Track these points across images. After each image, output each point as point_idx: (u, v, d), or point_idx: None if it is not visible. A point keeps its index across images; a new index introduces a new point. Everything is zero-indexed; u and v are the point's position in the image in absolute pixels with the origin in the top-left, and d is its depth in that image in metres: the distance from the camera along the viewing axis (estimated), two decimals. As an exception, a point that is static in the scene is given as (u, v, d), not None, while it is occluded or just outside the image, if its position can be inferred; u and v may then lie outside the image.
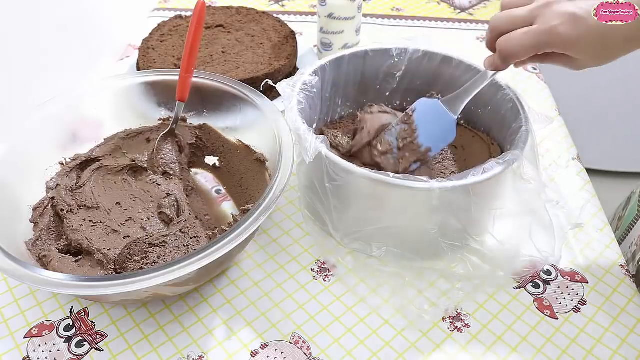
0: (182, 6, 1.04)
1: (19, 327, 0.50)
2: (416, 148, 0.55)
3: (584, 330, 0.50)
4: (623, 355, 0.48)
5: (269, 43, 0.79)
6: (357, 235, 0.55)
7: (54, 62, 0.70)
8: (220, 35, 0.82)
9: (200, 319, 0.51)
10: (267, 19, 0.85)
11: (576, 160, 0.68)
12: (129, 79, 0.62)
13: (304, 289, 0.54)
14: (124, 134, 0.62)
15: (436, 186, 0.47)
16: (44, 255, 0.50)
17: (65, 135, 0.60)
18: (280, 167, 0.50)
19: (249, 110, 0.59)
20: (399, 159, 0.56)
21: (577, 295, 0.53)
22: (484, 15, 1.00)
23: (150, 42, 0.81)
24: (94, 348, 0.48)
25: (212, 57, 0.77)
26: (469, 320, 0.51)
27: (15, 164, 0.54)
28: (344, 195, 0.51)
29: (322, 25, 0.82)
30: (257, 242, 0.58)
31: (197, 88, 0.60)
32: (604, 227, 0.60)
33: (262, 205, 0.46)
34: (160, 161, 0.61)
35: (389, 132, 0.57)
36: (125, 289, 0.41)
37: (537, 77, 0.84)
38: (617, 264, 0.56)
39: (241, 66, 0.74)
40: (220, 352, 0.48)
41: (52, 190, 0.56)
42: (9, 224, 0.50)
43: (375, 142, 0.57)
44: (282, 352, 0.48)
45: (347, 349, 0.49)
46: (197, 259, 0.42)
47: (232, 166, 0.62)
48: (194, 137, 0.63)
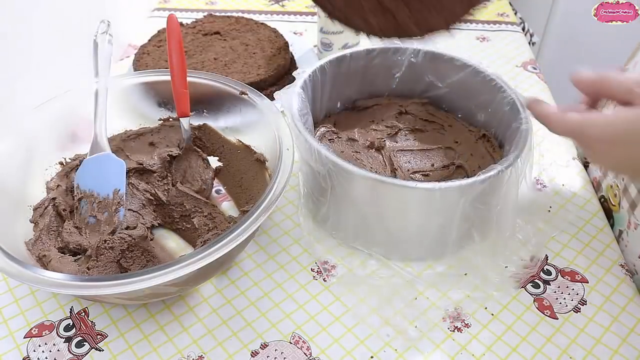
0: (182, 6, 1.04)
1: (19, 327, 0.50)
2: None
3: (584, 330, 0.50)
4: (623, 355, 0.48)
5: (262, 53, 0.81)
6: (357, 235, 0.55)
7: (54, 62, 0.70)
8: (215, 43, 0.83)
9: (200, 319, 0.51)
10: (264, 30, 0.87)
11: (576, 160, 0.68)
12: (129, 79, 0.62)
13: (304, 289, 0.54)
14: (124, 135, 0.63)
15: (436, 186, 0.47)
16: (44, 255, 0.50)
17: (65, 135, 0.60)
18: (280, 167, 0.50)
19: (249, 111, 0.59)
20: None
21: (577, 295, 0.53)
22: (484, 15, 1.00)
23: (147, 47, 0.82)
24: (94, 348, 0.48)
25: (203, 63, 0.78)
26: (469, 320, 0.51)
27: (15, 164, 0.54)
28: (344, 195, 0.51)
29: (322, 25, 0.82)
30: (257, 242, 0.58)
31: (197, 88, 0.60)
32: (604, 227, 0.60)
33: (262, 205, 0.46)
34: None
35: None
36: (125, 289, 0.40)
37: (537, 77, 0.84)
38: (617, 263, 0.56)
39: (229, 74, 0.76)
40: (220, 352, 0.48)
41: (53, 191, 0.56)
42: (9, 224, 0.50)
43: None
44: (282, 352, 0.48)
45: (347, 349, 0.48)
46: (197, 259, 0.42)
47: (232, 166, 0.62)
48: (194, 137, 0.63)
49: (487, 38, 0.94)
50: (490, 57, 0.89)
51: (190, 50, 0.81)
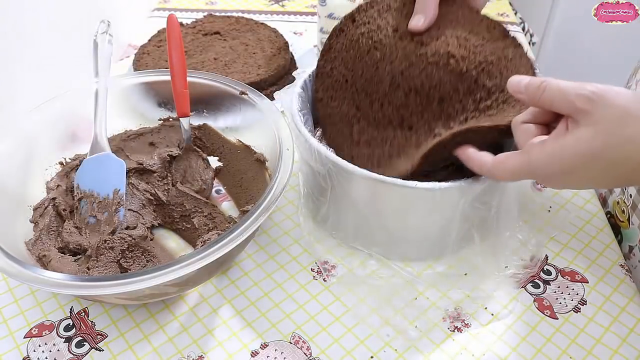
0: (182, 6, 1.04)
1: (19, 327, 0.50)
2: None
3: (584, 330, 0.50)
4: (623, 355, 0.48)
5: (262, 53, 0.81)
6: (357, 235, 0.55)
7: (54, 61, 0.70)
8: (216, 43, 0.83)
9: (200, 319, 0.51)
10: (264, 30, 0.87)
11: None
12: (129, 79, 0.62)
13: (304, 289, 0.54)
14: (124, 135, 0.63)
15: (436, 186, 0.47)
16: (44, 255, 0.50)
17: (65, 135, 0.60)
18: (280, 167, 0.50)
19: (249, 110, 0.59)
20: None
21: (577, 295, 0.53)
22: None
23: (147, 47, 0.82)
24: (94, 348, 0.48)
25: (203, 63, 0.78)
26: (469, 320, 0.51)
27: (15, 164, 0.54)
28: (344, 195, 0.51)
29: (322, 25, 0.82)
30: (257, 242, 0.58)
31: (197, 88, 0.60)
32: (604, 227, 0.60)
33: (262, 205, 0.46)
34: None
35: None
36: (125, 289, 0.40)
37: (537, 77, 0.84)
38: (617, 263, 0.56)
39: (229, 74, 0.76)
40: (220, 352, 0.48)
41: (53, 191, 0.56)
42: (9, 224, 0.50)
43: None
44: (282, 352, 0.48)
45: (347, 349, 0.48)
46: (197, 259, 0.42)
47: (232, 166, 0.62)
48: (194, 137, 0.63)
49: (487, 38, 0.94)
50: (490, 57, 0.88)
51: (190, 50, 0.81)
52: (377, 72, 0.51)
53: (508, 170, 0.42)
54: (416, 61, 0.50)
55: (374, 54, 0.51)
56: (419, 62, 0.50)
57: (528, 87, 0.41)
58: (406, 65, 0.50)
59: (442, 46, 0.50)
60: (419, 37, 0.51)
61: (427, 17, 0.51)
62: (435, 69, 0.49)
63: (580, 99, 0.37)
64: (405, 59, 0.50)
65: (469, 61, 0.49)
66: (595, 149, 0.37)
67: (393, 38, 0.51)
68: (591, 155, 0.37)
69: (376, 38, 0.52)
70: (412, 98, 0.50)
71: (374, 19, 0.54)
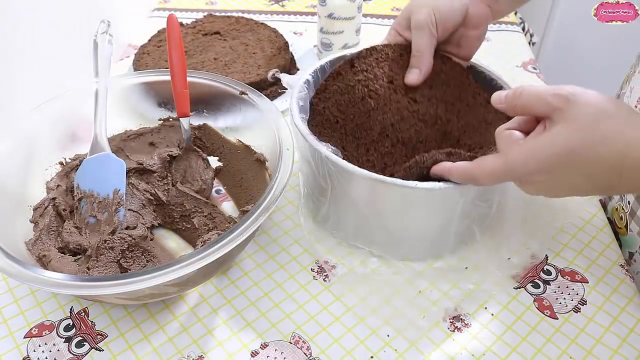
0: (182, 6, 1.04)
1: (19, 327, 0.50)
2: None
3: (584, 330, 0.50)
4: (623, 355, 0.48)
5: (262, 53, 0.81)
6: (357, 235, 0.55)
7: (54, 61, 0.70)
8: (216, 43, 0.83)
9: (200, 319, 0.51)
10: (264, 30, 0.87)
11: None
12: (129, 79, 0.62)
13: (304, 289, 0.54)
14: (124, 135, 0.63)
15: (436, 186, 0.47)
16: (44, 255, 0.50)
17: (65, 135, 0.60)
18: (280, 167, 0.50)
19: (249, 110, 0.59)
20: None
21: (577, 295, 0.53)
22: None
23: (147, 47, 0.82)
24: (94, 348, 0.48)
25: (203, 63, 0.78)
26: (469, 320, 0.51)
27: (15, 164, 0.54)
28: (344, 195, 0.51)
29: (322, 25, 0.82)
30: (257, 242, 0.58)
31: (197, 88, 0.60)
32: (604, 227, 0.60)
33: (262, 205, 0.46)
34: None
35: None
36: (125, 289, 0.40)
37: (537, 77, 0.84)
38: (617, 263, 0.56)
39: (230, 74, 0.76)
40: (220, 352, 0.48)
41: (53, 191, 0.56)
42: (9, 224, 0.50)
43: None
44: (282, 352, 0.48)
45: (347, 349, 0.48)
46: (197, 259, 0.42)
47: (232, 166, 0.62)
48: (194, 137, 0.63)
49: (487, 38, 0.94)
50: (490, 57, 0.88)
51: (190, 50, 0.81)
52: (368, 120, 0.53)
53: (487, 171, 0.43)
54: (407, 116, 0.53)
55: (368, 102, 0.53)
56: (410, 118, 0.53)
57: (507, 96, 0.43)
58: (398, 118, 0.53)
59: (432, 107, 0.54)
60: (412, 94, 0.54)
61: (422, 71, 0.54)
62: (424, 126, 0.53)
63: (557, 98, 0.39)
64: (398, 112, 0.53)
65: (453, 124, 0.54)
66: (571, 145, 0.38)
67: (388, 89, 0.54)
68: (568, 152, 0.38)
69: (372, 87, 0.54)
70: (398, 148, 0.52)
71: (372, 67, 0.56)
